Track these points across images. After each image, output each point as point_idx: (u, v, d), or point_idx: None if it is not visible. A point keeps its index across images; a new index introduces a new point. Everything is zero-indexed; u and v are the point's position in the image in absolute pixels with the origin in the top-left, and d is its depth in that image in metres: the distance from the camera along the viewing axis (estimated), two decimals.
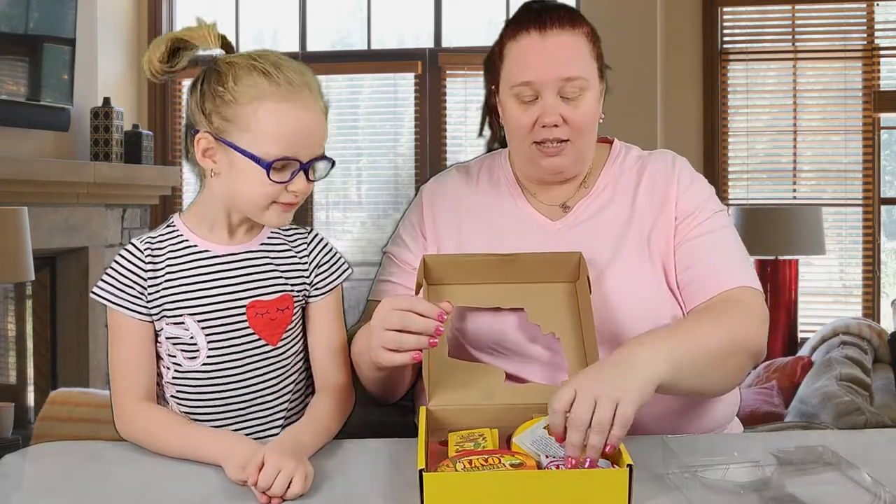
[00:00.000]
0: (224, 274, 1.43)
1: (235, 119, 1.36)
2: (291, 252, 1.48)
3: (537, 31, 1.54)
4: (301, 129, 1.37)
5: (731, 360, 1.44)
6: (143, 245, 1.44)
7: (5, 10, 4.10)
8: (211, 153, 1.39)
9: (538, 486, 1.13)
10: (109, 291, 1.44)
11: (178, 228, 1.46)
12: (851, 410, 2.44)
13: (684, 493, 1.19)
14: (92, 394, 3.09)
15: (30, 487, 1.33)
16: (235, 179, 1.39)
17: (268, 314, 1.44)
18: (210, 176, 1.41)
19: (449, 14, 5.38)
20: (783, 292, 4.39)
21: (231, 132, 1.37)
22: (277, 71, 1.37)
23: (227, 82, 1.37)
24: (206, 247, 1.44)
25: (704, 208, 1.58)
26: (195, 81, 1.42)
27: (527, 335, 1.53)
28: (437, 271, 1.50)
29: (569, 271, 1.50)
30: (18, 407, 4.08)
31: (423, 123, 5.36)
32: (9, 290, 4.46)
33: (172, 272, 1.43)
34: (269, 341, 1.44)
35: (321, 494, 1.24)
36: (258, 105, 1.35)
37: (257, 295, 1.43)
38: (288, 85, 1.36)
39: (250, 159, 1.36)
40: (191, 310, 1.41)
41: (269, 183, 1.36)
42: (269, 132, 1.35)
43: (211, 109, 1.38)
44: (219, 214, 1.44)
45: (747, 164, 5.09)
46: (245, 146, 1.36)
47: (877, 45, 4.91)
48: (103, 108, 4.68)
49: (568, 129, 1.54)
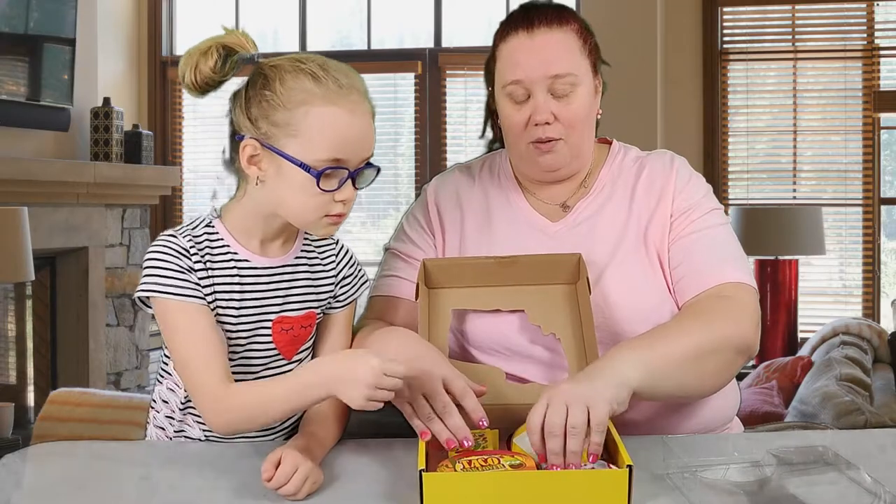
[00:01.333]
0: (259, 287, 1.39)
1: (283, 124, 1.31)
2: (321, 266, 1.46)
3: (525, 31, 1.55)
4: (351, 133, 1.32)
5: (711, 361, 1.42)
6: (185, 239, 1.36)
7: (5, 10, 4.10)
8: (257, 160, 1.34)
9: (538, 486, 1.13)
10: (165, 284, 1.33)
11: (219, 232, 1.39)
12: (851, 410, 2.43)
13: (684, 493, 1.19)
14: (92, 394, 3.09)
15: (30, 487, 1.33)
16: (283, 189, 1.33)
17: (292, 330, 1.41)
18: (256, 184, 1.35)
19: (449, 14, 5.38)
20: (783, 292, 4.39)
21: (279, 138, 1.32)
22: (325, 73, 1.33)
23: (275, 86, 1.32)
24: (246, 256, 1.39)
25: (700, 206, 1.58)
26: (240, 89, 1.37)
27: (527, 336, 1.53)
28: (436, 275, 1.50)
29: (568, 273, 1.50)
30: (18, 407, 4.07)
31: (423, 123, 5.36)
32: (9, 290, 4.46)
33: (209, 275, 1.36)
34: (285, 356, 1.42)
35: (321, 494, 1.24)
36: (307, 109, 1.31)
37: (285, 311, 1.41)
38: (337, 87, 1.32)
39: (300, 167, 1.31)
40: (221, 316, 1.37)
41: (317, 192, 1.31)
42: (318, 137, 1.30)
43: (258, 115, 1.33)
44: (257, 224, 1.39)
45: (747, 164, 5.09)
46: (293, 153, 1.31)
47: (877, 45, 4.91)
48: (103, 108, 4.68)
49: (560, 126, 1.54)
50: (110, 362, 4.73)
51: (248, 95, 1.35)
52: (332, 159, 1.31)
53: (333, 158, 1.31)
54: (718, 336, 1.43)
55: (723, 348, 1.44)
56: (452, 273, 1.51)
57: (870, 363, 3.18)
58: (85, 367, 4.55)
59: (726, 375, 1.49)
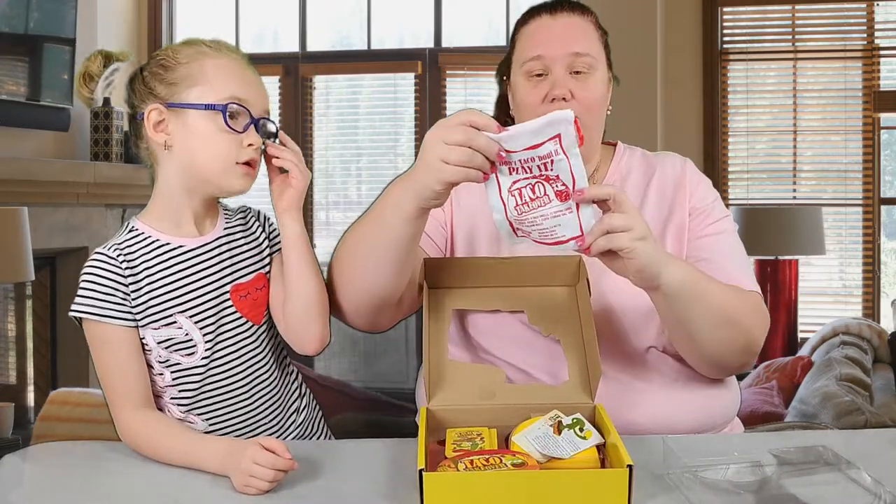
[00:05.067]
0: (203, 265, 1.44)
1: (182, 79, 1.41)
2: (250, 229, 1.52)
3: (548, 14, 1.62)
4: (247, 79, 1.43)
5: (728, 328, 1.46)
6: (113, 252, 1.42)
7: (5, 10, 4.10)
8: (163, 126, 1.42)
9: (537, 486, 1.13)
10: (91, 304, 1.40)
11: (142, 231, 1.45)
12: (851, 410, 2.43)
13: (684, 493, 1.19)
14: (92, 394, 3.09)
15: (30, 487, 1.33)
16: (192, 142, 1.41)
17: (249, 295, 1.47)
18: (165, 150, 1.42)
19: (449, 14, 5.38)
20: (783, 292, 4.39)
21: (179, 92, 1.41)
22: (214, 42, 1.45)
23: (167, 53, 1.44)
24: (178, 242, 1.44)
25: (715, 208, 1.63)
26: (134, 72, 1.47)
27: (527, 337, 1.53)
28: (437, 274, 1.50)
29: (569, 274, 1.50)
30: (18, 407, 4.07)
31: (423, 123, 5.35)
32: (9, 290, 4.46)
33: (151, 274, 1.42)
34: (253, 321, 1.47)
35: (321, 494, 1.24)
36: (203, 61, 1.42)
37: (236, 279, 1.46)
38: (227, 49, 1.45)
39: (204, 110, 1.39)
40: (181, 307, 1.42)
41: (226, 131, 1.39)
42: (218, 78, 1.40)
43: (154, 83, 1.42)
44: (181, 206, 1.45)
45: (747, 164, 5.09)
46: (196, 100, 1.40)
47: (877, 45, 4.91)
48: (103, 108, 4.68)
49: (576, 104, 1.56)
50: None
51: (143, 74, 1.44)
52: (233, 97, 1.40)
53: (235, 96, 1.41)
54: (742, 314, 1.48)
55: (741, 326, 1.47)
56: (453, 273, 1.51)
57: (870, 363, 3.18)
58: (85, 367, 4.55)
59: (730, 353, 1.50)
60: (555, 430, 1.25)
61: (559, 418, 1.27)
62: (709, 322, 1.44)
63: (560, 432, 1.24)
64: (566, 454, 1.21)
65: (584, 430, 1.25)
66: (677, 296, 1.39)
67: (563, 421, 1.26)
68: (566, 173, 1.27)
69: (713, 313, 1.43)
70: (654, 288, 1.38)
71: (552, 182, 1.28)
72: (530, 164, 1.27)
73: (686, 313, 1.42)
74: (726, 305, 1.45)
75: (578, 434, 1.24)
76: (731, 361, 1.52)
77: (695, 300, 1.41)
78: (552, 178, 1.27)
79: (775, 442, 1.41)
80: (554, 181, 1.28)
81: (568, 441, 1.23)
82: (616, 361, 1.53)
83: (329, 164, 5.52)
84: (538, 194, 1.29)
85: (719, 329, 1.45)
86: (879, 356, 3.38)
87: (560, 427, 1.25)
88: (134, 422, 1.39)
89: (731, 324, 1.46)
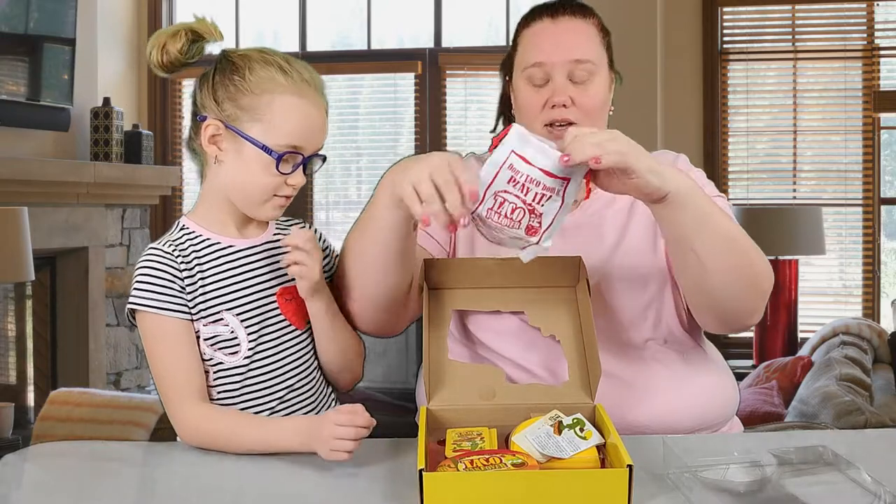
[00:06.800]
0: (252, 265, 1.46)
1: (249, 108, 1.41)
2: None
3: (549, 18, 1.61)
4: (311, 124, 1.43)
5: (736, 255, 1.42)
6: (168, 247, 1.44)
7: (5, 10, 4.10)
8: (217, 140, 1.43)
9: (537, 486, 1.13)
10: (149, 297, 1.41)
11: (192, 229, 1.47)
12: (851, 410, 2.44)
13: (684, 493, 1.19)
14: (92, 394, 3.09)
15: (30, 487, 1.33)
16: (241, 169, 1.42)
17: (294, 299, 1.48)
18: (214, 163, 1.44)
19: (449, 14, 5.38)
20: (783, 292, 4.39)
21: (243, 121, 1.41)
22: (290, 66, 1.43)
23: (244, 73, 1.42)
24: (228, 242, 1.46)
25: (707, 186, 1.61)
26: (207, 72, 1.46)
27: (527, 338, 1.53)
28: (437, 275, 1.50)
29: (568, 275, 1.50)
30: (18, 407, 4.07)
31: (423, 123, 5.36)
32: (9, 290, 4.45)
33: (203, 270, 1.43)
34: (297, 325, 1.48)
35: (321, 494, 1.24)
36: (273, 97, 1.41)
37: (284, 282, 1.48)
38: (301, 81, 1.43)
39: (261, 150, 1.40)
40: (228, 304, 1.43)
41: (274, 174, 1.41)
42: (282, 124, 1.41)
43: (224, 97, 1.42)
44: (226, 210, 1.47)
45: (747, 164, 5.09)
46: (256, 136, 1.41)
47: (877, 45, 4.91)
48: (103, 108, 4.68)
49: (576, 111, 1.57)
50: (110, 362, 4.73)
51: (215, 79, 1.44)
52: (291, 145, 1.41)
53: (293, 144, 1.41)
54: (752, 250, 1.45)
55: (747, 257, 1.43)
56: (453, 273, 1.51)
57: (870, 363, 3.18)
58: (85, 367, 4.55)
59: (734, 292, 1.45)
60: (555, 430, 1.25)
61: (559, 418, 1.27)
62: (717, 244, 1.39)
63: (560, 432, 1.24)
64: (566, 454, 1.21)
65: (585, 430, 1.25)
66: (685, 204, 1.35)
67: (563, 421, 1.26)
68: (549, 217, 1.28)
69: (721, 234, 1.40)
70: (661, 198, 1.34)
71: (533, 217, 1.29)
72: (530, 186, 1.27)
73: (695, 230, 1.38)
74: (732, 229, 1.42)
75: (578, 434, 1.24)
76: (739, 303, 1.46)
77: (703, 215, 1.38)
78: (536, 213, 1.28)
79: (775, 442, 1.41)
80: (534, 217, 1.28)
81: (568, 441, 1.23)
82: (614, 355, 1.53)
83: (329, 164, 5.51)
84: (514, 219, 1.28)
85: (727, 255, 1.41)
86: (879, 356, 3.38)
87: (560, 427, 1.25)
88: (197, 417, 1.39)
89: (738, 251, 1.42)
